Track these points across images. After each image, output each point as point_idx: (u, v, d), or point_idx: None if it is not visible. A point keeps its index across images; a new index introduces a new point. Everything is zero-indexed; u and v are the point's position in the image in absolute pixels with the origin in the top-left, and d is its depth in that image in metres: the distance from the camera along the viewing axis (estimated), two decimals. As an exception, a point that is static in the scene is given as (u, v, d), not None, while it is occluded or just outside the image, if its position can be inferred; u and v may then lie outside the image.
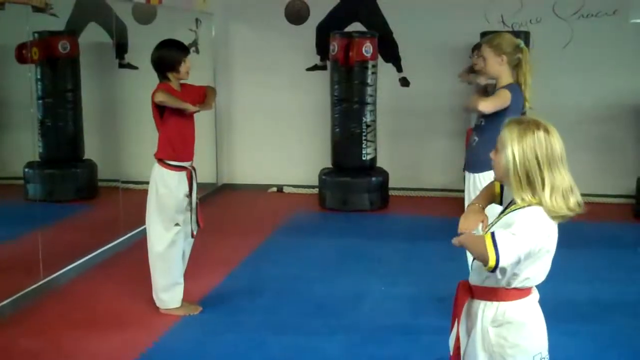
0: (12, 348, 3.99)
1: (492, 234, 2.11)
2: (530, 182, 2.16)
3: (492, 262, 2.08)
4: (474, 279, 2.32)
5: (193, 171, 4.40)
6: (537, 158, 2.14)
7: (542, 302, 2.33)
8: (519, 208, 2.18)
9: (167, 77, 4.26)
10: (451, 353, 2.42)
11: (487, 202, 2.48)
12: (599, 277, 5.21)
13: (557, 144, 2.17)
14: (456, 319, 2.36)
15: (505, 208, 2.30)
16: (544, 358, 2.25)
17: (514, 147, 2.17)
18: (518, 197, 2.19)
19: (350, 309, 4.60)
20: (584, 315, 4.36)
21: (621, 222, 6.87)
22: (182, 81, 4.33)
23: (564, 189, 2.16)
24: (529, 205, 2.16)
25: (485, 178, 3.80)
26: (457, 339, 2.36)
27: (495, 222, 2.29)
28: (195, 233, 4.47)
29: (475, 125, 4.15)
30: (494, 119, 3.84)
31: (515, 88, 3.95)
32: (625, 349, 3.98)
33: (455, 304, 2.37)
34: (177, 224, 4.32)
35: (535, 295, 2.29)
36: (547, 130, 2.18)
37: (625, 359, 3.87)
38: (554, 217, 2.17)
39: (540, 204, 2.15)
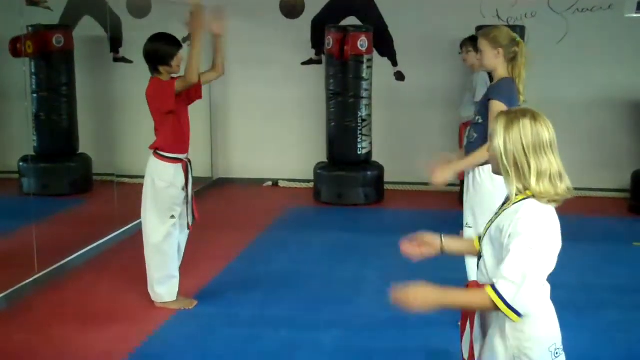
0: (6, 342, 3.98)
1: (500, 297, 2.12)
2: (518, 169, 2.19)
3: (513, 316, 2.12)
4: (482, 279, 2.31)
5: (189, 163, 4.40)
6: (522, 145, 2.17)
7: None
8: (513, 203, 2.20)
9: (158, 71, 4.26)
10: (465, 357, 2.42)
11: (458, 245, 2.56)
12: (593, 271, 5.23)
13: (544, 130, 2.19)
14: (467, 322, 2.35)
15: (503, 203, 2.30)
16: (559, 349, 2.25)
17: (500, 137, 2.21)
18: (509, 186, 2.22)
19: (346, 302, 4.60)
20: (578, 309, 4.37)
21: (616, 217, 6.88)
22: (173, 75, 4.32)
23: (552, 175, 2.18)
24: (523, 199, 2.18)
25: (484, 171, 3.85)
26: (471, 341, 2.35)
27: (494, 219, 2.29)
28: (191, 225, 4.47)
29: (473, 123, 4.16)
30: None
31: (509, 82, 3.96)
32: (620, 341, 4.00)
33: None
34: (172, 216, 4.32)
35: (547, 287, 2.29)
36: (534, 118, 2.21)
37: (620, 352, 3.89)
38: (548, 202, 2.18)
39: (532, 195, 2.17)
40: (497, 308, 2.11)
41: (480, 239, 2.40)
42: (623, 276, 5.13)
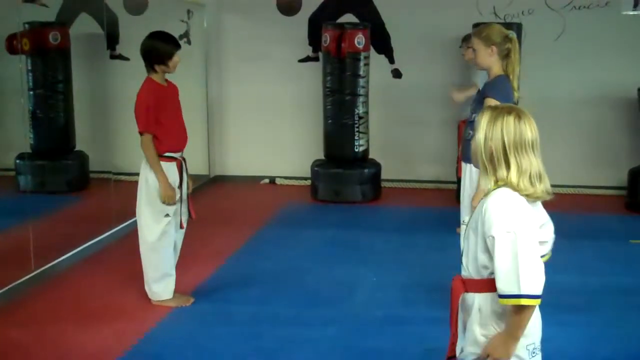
0: (2, 339, 3.98)
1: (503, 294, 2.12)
2: (493, 164, 2.20)
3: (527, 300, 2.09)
4: (466, 273, 2.32)
5: (183, 162, 4.39)
6: (503, 141, 2.18)
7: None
8: (488, 194, 2.21)
9: (154, 69, 4.24)
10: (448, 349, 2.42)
11: None
12: (590, 269, 5.23)
13: (528, 130, 2.20)
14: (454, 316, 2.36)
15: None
16: (536, 348, 2.25)
17: (482, 131, 2.22)
18: (484, 180, 2.24)
19: (343, 300, 4.60)
20: (575, 306, 4.37)
21: (613, 214, 6.89)
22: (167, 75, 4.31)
23: (532, 174, 2.19)
24: (496, 188, 2.19)
25: None
26: (454, 334, 2.36)
27: (473, 214, 2.31)
28: (185, 224, 4.46)
29: (469, 120, 4.16)
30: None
31: (504, 79, 3.97)
32: (616, 339, 3.99)
33: (451, 301, 2.36)
34: (167, 215, 4.31)
35: None
36: (518, 116, 2.21)
37: (615, 350, 3.88)
38: (526, 196, 2.18)
39: (506, 185, 2.18)
40: (526, 305, 2.10)
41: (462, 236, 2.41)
42: (620, 274, 5.13)
